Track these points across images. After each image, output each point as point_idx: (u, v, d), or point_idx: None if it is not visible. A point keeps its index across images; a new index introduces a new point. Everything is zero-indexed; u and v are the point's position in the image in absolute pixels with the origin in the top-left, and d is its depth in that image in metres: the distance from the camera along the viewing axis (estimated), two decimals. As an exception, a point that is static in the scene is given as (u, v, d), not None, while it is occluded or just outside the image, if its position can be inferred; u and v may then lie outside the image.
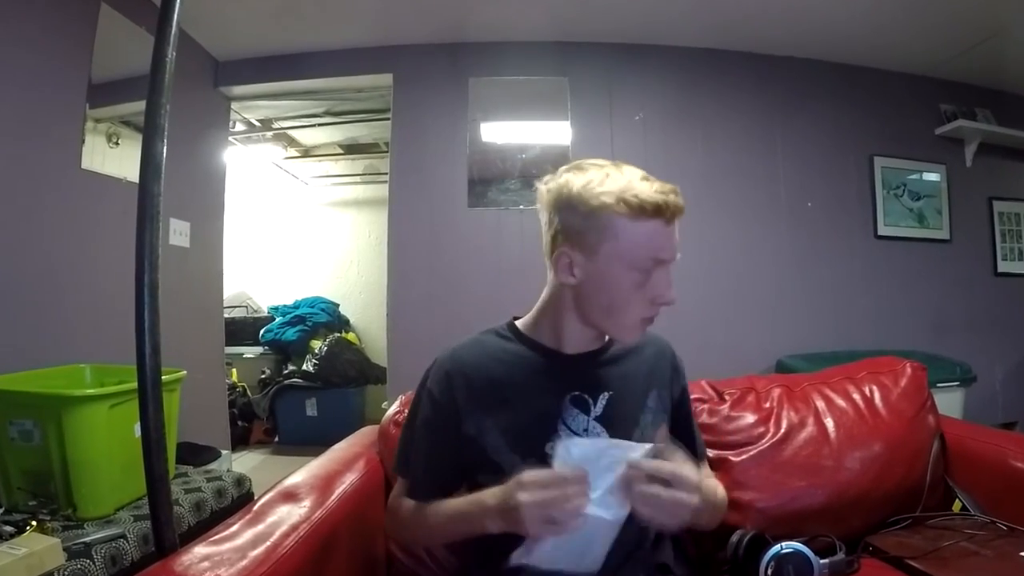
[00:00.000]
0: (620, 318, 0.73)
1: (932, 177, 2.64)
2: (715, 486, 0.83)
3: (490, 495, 0.67)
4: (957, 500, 1.04)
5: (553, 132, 2.49)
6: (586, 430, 0.74)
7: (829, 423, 1.07)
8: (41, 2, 1.63)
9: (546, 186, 0.76)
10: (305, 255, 4.11)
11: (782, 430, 1.06)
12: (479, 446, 0.74)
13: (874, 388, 1.13)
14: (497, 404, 0.75)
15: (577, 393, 0.76)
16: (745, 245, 2.48)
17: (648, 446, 0.63)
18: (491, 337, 0.82)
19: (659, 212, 0.69)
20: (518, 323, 0.83)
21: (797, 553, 0.80)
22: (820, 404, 1.11)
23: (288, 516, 0.77)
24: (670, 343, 0.89)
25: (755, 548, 0.83)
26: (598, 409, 0.75)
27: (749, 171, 2.50)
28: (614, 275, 0.71)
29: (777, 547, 0.80)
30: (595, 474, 0.60)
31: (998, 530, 0.93)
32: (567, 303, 0.76)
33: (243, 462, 2.93)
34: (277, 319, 3.68)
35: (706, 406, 1.09)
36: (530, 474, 0.62)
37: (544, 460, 0.68)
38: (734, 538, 0.88)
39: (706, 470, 0.88)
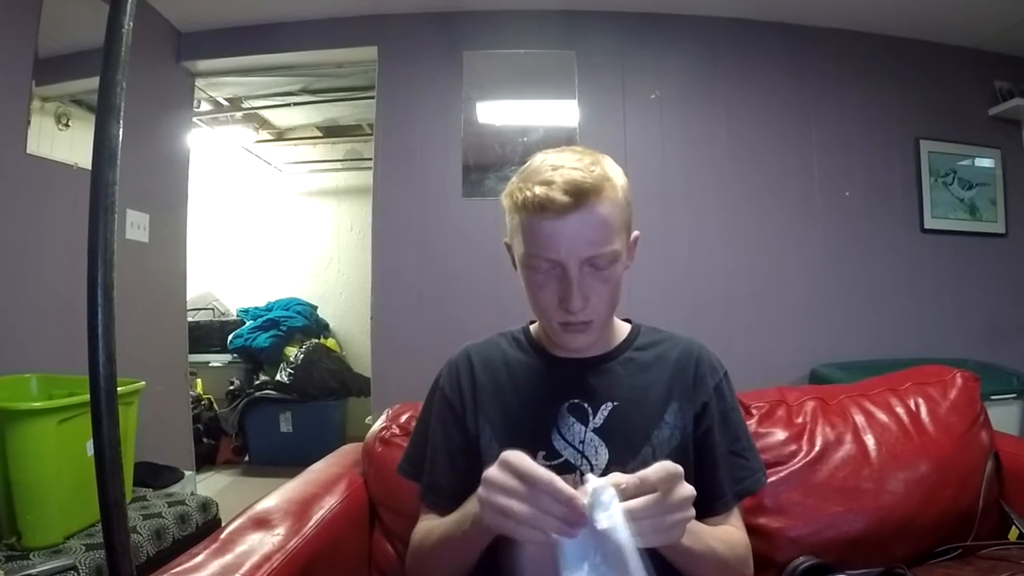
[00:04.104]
0: (544, 321, 0.78)
1: (985, 163, 2.64)
2: (722, 538, 0.72)
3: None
4: (1013, 527, 1.04)
5: (558, 112, 2.49)
6: (582, 442, 0.76)
7: (869, 440, 1.07)
8: (-19, -34, 1.64)
9: None
10: (279, 251, 4.11)
11: (816, 448, 1.06)
12: (477, 448, 0.79)
13: (920, 401, 1.13)
14: (496, 408, 0.80)
15: (576, 401, 0.78)
16: (774, 240, 2.48)
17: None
18: (504, 340, 0.88)
19: (535, 208, 0.69)
20: (532, 326, 0.89)
21: None
22: (859, 419, 1.11)
23: (260, 545, 0.77)
24: (703, 346, 0.85)
25: None
26: (597, 420, 0.77)
27: (779, 157, 2.50)
28: (521, 273, 0.76)
29: None
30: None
31: (1060, 561, 0.93)
32: None
33: (209, 484, 2.93)
34: (247, 323, 3.68)
35: (731, 421, 1.09)
36: (516, 456, 0.57)
37: None
38: (791, 565, 0.88)
39: (732, 519, 0.78)
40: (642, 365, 0.81)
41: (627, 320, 0.88)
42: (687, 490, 0.55)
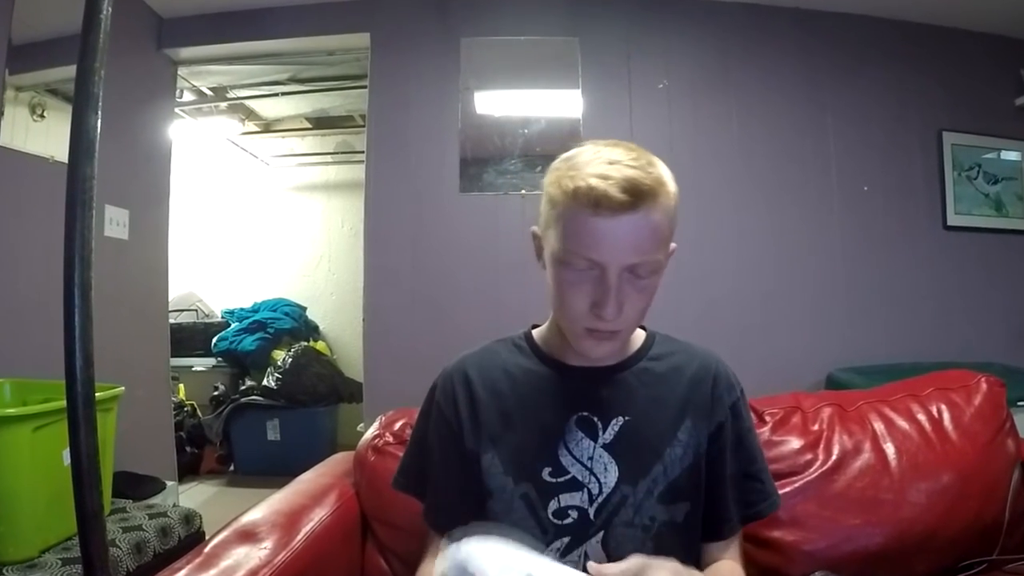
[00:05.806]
0: (566, 323, 0.75)
1: (1012, 156, 2.64)
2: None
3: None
4: (1041, 541, 1.04)
5: (561, 103, 2.50)
6: (591, 458, 0.75)
7: (889, 449, 1.07)
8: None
9: None
10: (266, 249, 4.11)
11: (833, 457, 1.06)
12: (478, 466, 0.77)
13: (943, 407, 1.13)
14: (498, 421, 0.78)
15: (585, 414, 0.76)
16: (788, 237, 2.48)
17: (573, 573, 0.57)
18: (503, 347, 0.86)
19: (588, 201, 0.66)
20: (535, 332, 0.86)
21: None
22: (878, 426, 1.11)
23: (245, 560, 0.77)
24: (720, 360, 0.84)
25: None
26: (607, 436, 0.75)
27: (793, 149, 2.50)
28: (552, 268, 0.73)
29: None
30: None
31: (1090, 576, 0.93)
32: None
33: (192, 495, 2.93)
34: (232, 325, 3.68)
35: (743, 429, 1.09)
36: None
37: (540, 486, 0.74)
38: None
39: (732, 550, 0.79)
40: (657, 377, 0.80)
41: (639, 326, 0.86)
42: None
